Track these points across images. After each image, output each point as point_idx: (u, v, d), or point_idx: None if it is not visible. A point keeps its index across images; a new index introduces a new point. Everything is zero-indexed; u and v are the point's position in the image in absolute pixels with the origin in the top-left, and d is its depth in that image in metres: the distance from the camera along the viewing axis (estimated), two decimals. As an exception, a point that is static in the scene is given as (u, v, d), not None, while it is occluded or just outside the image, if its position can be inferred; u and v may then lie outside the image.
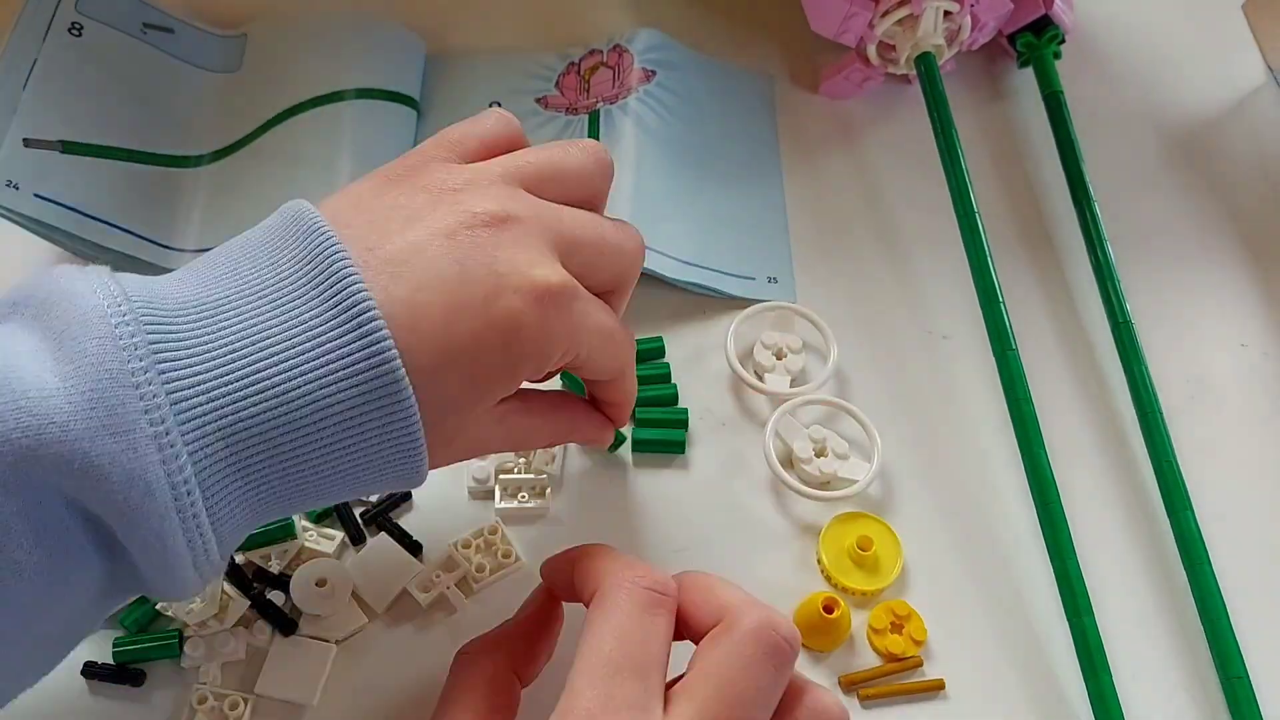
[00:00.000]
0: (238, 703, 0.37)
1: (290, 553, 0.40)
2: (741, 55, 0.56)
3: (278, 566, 0.39)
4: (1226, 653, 0.39)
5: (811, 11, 0.51)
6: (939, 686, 0.39)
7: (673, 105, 0.51)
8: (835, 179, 0.52)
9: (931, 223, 0.50)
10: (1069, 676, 0.39)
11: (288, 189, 0.47)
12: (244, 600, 0.38)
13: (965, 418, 0.46)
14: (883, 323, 0.48)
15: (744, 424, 0.45)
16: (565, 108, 0.52)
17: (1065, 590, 0.39)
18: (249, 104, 0.50)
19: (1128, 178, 0.53)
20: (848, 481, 0.42)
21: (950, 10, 0.49)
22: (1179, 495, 0.42)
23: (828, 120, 0.54)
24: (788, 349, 0.45)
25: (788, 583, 0.41)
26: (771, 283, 0.48)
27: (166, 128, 0.49)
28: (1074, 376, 0.47)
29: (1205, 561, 0.40)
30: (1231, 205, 0.53)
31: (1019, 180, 0.53)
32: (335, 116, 0.48)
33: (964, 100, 0.55)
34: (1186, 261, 0.51)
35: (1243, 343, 0.49)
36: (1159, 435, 0.43)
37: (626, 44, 0.53)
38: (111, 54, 0.49)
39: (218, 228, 0.47)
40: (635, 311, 0.47)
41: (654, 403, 0.44)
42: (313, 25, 0.52)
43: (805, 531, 0.42)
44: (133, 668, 0.37)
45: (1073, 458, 0.44)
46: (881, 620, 0.40)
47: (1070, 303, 0.49)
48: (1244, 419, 0.47)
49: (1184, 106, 0.57)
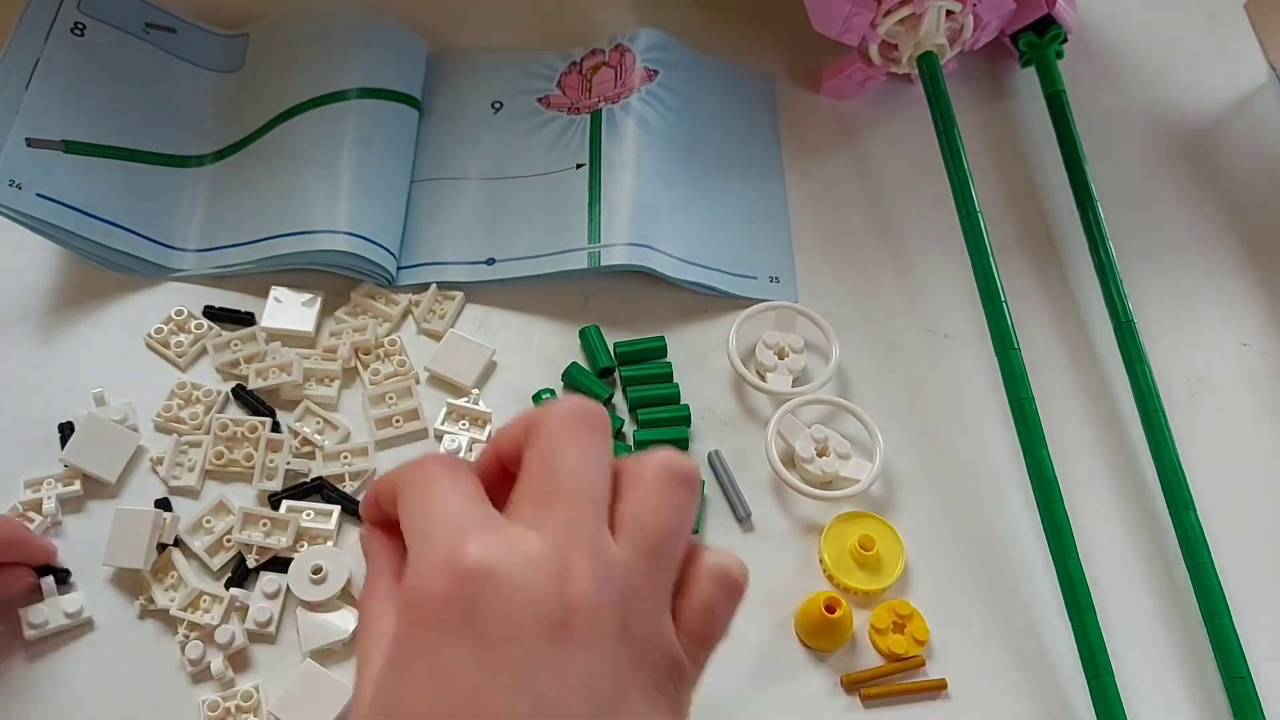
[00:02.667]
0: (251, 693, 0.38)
1: (289, 534, 0.40)
2: (743, 55, 0.56)
3: (285, 541, 0.40)
4: (1229, 652, 0.39)
5: (814, 11, 0.51)
6: (941, 686, 0.39)
7: (674, 105, 0.51)
8: (837, 178, 0.52)
9: (933, 222, 0.50)
10: (1071, 676, 0.39)
11: (290, 188, 0.47)
12: (226, 591, 0.39)
13: (967, 417, 0.46)
14: (885, 322, 0.48)
15: (746, 423, 0.45)
16: (567, 107, 0.52)
17: (1067, 590, 0.39)
18: (251, 103, 0.50)
19: (1130, 177, 0.53)
20: (850, 481, 0.42)
21: (953, 10, 0.49)
22: (1181, 494, 0.42)
23: (829, 120, 0.54)
24: (789, 348, 0.45)
25: (789, 582, 0.41)
26: (773, 282, 0.48)
27: (168, 127, 0.49)
28: (1076, 375, 0.47)
29: (1208, 561, 0.40)
30: (1233, 204, 0.53)
31: (1021, 180, 0.53)
32: (337, 116, 0.48)
33: (966, 100, 0.55)
34: (1188, 261, 0.51)
35: (1244, 342, 0.49)
36: (1161, 434, 0.43)
37: (628, 43, 0.53)
38: (114, 54, 0.49)
39: (220, 227, 0.47)
40: (638, 311, 0.47)
41: (656, 402, 0.44)
42: (315, 25, 0.52)
43: (807, 531, 0.42)
44: None
45: (1075, 457, 0.44)
46: (883, 620, 0.40)
47: (1072, 302, 0.49)
48: (1245, 418, 0.47)
49: (1186, 106, 0.57)
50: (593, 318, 0.47)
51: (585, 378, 0.45)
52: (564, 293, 0.47)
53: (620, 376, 0.45)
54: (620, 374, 0.45)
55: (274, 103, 0.49)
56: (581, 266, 0.46)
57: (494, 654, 0.27)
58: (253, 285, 0.46)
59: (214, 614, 0.39)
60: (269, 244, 0.46)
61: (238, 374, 0.44)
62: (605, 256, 0.46)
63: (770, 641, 0.40)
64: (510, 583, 0.27)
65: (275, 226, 0.46)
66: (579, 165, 0.49)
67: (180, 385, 0.43)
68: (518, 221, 0.48)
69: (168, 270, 0.46)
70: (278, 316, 0.45)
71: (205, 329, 0.45)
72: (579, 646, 0.27)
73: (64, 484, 0.41)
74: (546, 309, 0.47)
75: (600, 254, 0.46)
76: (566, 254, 0.47)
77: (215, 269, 0.46)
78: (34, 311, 0.45)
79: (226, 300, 0.46)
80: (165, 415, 0.43)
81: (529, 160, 0.50)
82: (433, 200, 0.49)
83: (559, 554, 0.28)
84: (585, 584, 0.28)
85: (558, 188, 0.49)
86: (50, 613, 0.38)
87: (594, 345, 0.45)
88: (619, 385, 0.45)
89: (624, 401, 0.45)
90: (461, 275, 0.47)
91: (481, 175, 0.50)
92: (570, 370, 0.45)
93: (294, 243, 0.45)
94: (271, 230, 0.46)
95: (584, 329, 0.46)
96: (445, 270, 0.47)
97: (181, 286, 0.46)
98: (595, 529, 0.29)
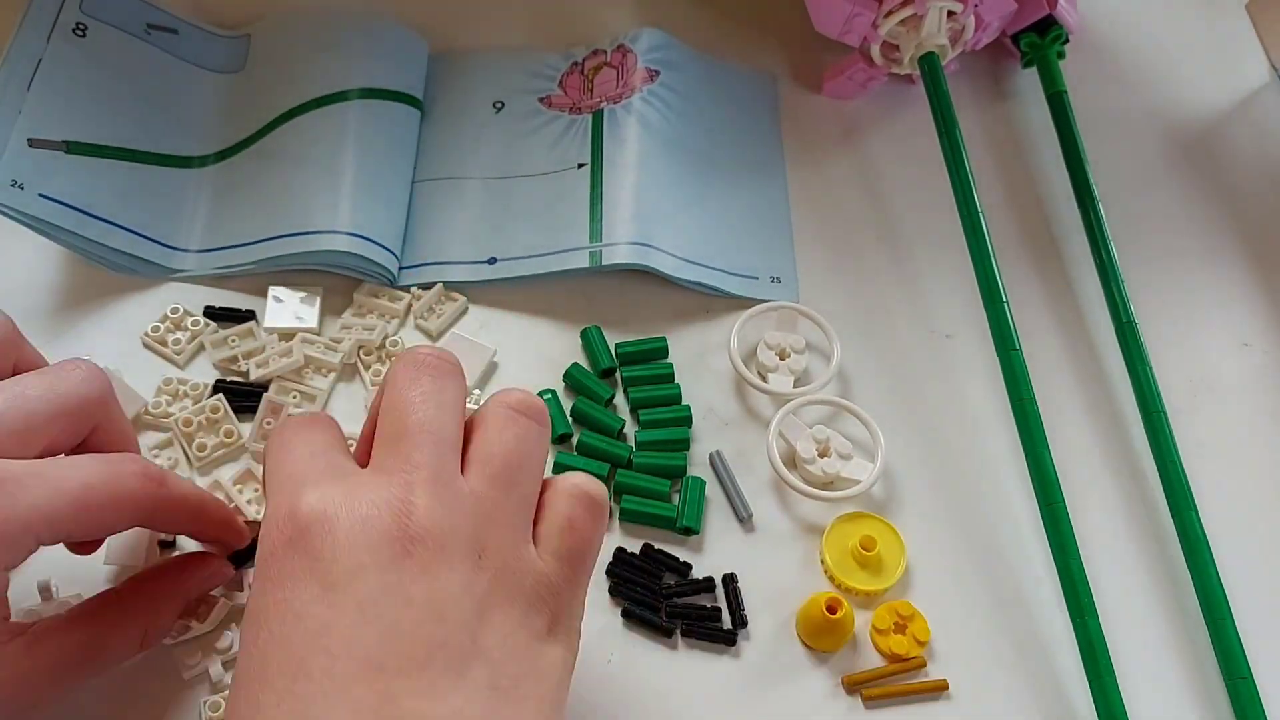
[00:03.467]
0: None
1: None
2: (745, 55, 0.56)
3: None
4: (1231, 654, 0.39)
5: (815, 12, 0.51)
6: (942, 687, 0.39)
7: (676, 105, 0.51)
8: (838, 179, 0.52)
9: (935, 223, 0.50)
10: (1072, 677, 0.39)
11: (291, 189, 0.47)
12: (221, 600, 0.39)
13: (969, 418, 0.46)
14: (886, 322, 0.48)
15: (747, 424, 0.45)
16: (569, 107, 0.52)
17: (1069, 591, 0.39)
18: (253, 104, 0.50)
19: (1131, 177, 0.53)
20: (851, 481, 0.42)
21: (954, 10, 0.49)
22: (1182, 495, 0.42)
23: (831, 120, 0.54)
24: (791, 349, 0.45)
25: (791, 582, 0.41)
26: (775, 282, 0.48)
27: (170, 128, 0.49)
28: (1077, 376, 0.47)
29: (1209, 562, 0.40)
30: (1235, 205, 0.53)
31: (1022, 180, 0.53)
32: (339, 116, 0.48)
33: (967, 100, 0.55)
34: (1190, 261, 0.51)
35: (1246, 342, 0.49)
36: (1163, 435, 0.43)
37: (630, 43, 0.53)
38: (115, 54, 0.49)
39: (221, 227, 0.47)
40: (639, 311, 0.47)
41: (657, 403, 0.44)
42: (316, 25, 0.52)
43: (808, 531, 0.42)
44: None
45: (1076, 458, 0.44)
46: (885, 620, 0.40)
47: (1074, 302, 0.49)
48: (1247, 419, 0.47)
49: (1188, 106, 0.57)
50: (594, 319, 0.47)
51: (586, 378, 0.45)
52: (565, 294, 0.47)
53: (622, 377, 0.45)
54: (622, 374, 0.45)
55: (275, 103, 0.49)
56: (583, 265, 0.46)
57: (338, 591, 0.27)
58: (252, 285, 0.46)
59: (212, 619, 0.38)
60: (271, 244, 0.46)
61: (236, 370, 0.44)
62: (607, 255, 0.46)
63: (772, 642, 0.40)
64: (347, 523, 0.28)
65: (277, 227, 0.46)
66: (580, 165, 0.49)
67: (166, 381, 0.43)
68: (519, 221, 0.49)
69: (170, 271, 0.46)
70: (279, 316, 0.45)
71: (202, 326, 0.45)
72: (424, 573, 0.27)
73: None
74: (548, 310, 0.47)
75: (602, 253, 0.46)
76: (568, 253, 0.47)
77: (217, 269, 0.46)
78: (36, 312, 0.45)
79: (227, 300, 0.46)
80: (154, 412, 0.43)
81: (531, 160, 0.50)
82: (434, 200, 0.49)
83: (402, 489, 0.28)
84: (427, 515, 0.28)
85: (559, 187, 0.49)
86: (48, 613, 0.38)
87: (595, 346, 0.46)
88: (620, 386, 0.45)
89: (625, 402, 0.45)
90: (463, 275, 0.47)
91: (483, 175, 0.50)
92: (571, 371, 0.45)
93: (296, 243, 0.45)
94: (273, 231, 0.46)
95: (585, 330, 0.46)
96: (447, 270, 0.47)
97: (182, 287, 0.46)
98: (439, 463, 0.29)
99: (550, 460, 0.43)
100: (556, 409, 0.44)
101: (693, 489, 0.42)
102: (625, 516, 0.42)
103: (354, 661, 0.26)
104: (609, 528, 0.42)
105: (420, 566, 0.27)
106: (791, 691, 0.39)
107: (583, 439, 0.43)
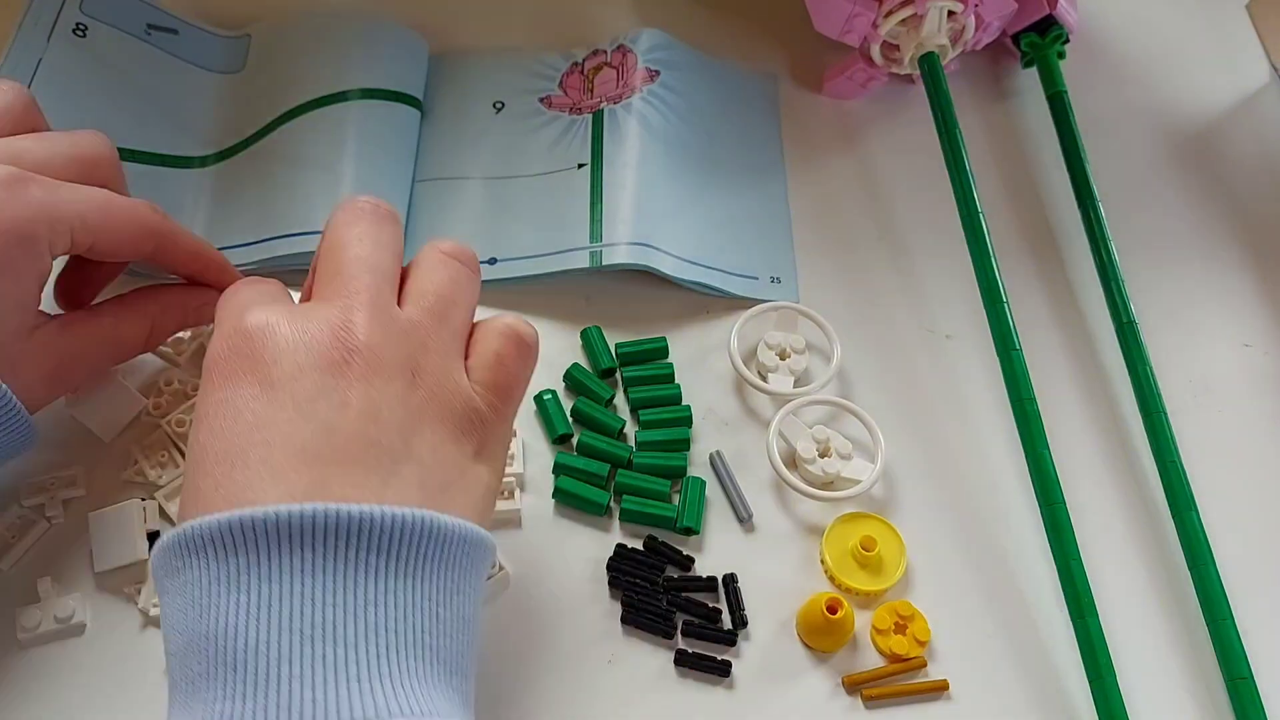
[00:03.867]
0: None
1: None
2: (745, 55, 0.56)
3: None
4: (1231, 654, 0.39)
5: (815, 12, 0.51)
6: (943, 687, 0.39)
7: (676, 105, 0.51)
8: (839, 179, 0.52)
9: (935, 223, 0.50)
10: (1073, 677, 0.39)
11: (292, 189, 0.47)
12: None
13: (969, 418, 0.46)
14: (886, 323, 0.48)
15: (747, 424, 0.45)
16: (569, 107, 0.52)
17: (1069, 591, 0.39)
18: (253, 104, 0.50)
19: (1132, 178, 0.53)
20: (851, 482, 0.42)
21: (954, 10, 0.49)
22: (1183, 496, 0.42)
23: (831, 120, 0.54)
24: (791, 349, 0.45)
25: (791, 583, 0.41)
26: (775, 282, 0.48)
27: (170, 128, 0.49)
28: (1078, 377, 0.47)
29: (1209, 562, 0.40)
30: (1235, 205, 0.53)
31: (1023, 180, 0.53)
32: (339, 116, 0.48)
33: (968, 101, 0.55)
34: (1190, 262, 0.51)
35: (1246, 343, 0.49)
36: (1163, 435, 0.43)
37: (630, 44, 0.53)
38: (115, 55, 0.49)
39: (222, 228, 0.47)
40: (640, 311, 0.47)
41: (657, 403, 0.44)
42: (316, 25, 0.52)
43: (809, 532, 0.42)
44: None
45: (1077, 458, 0.44)
46: (885, 621, 0.40)
47: (1074, 303, 0.49)
48: (1248, 419, 0.47)
49: (1188, 106, 0.57)
50: (594, 319, 0.47)
51: (587, 378, 0.45)
52: (565, 294, 0.47)
53: (622, 377, 0.45)
54: (622, 375, 0.45)
55: (276, 104, 0.49)
56: (584, 265, 0.46)
57: (277, 389, 0.29)
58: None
59: None
60: (272, 244, 0.46)
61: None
62: (607, 255, 0.46)
63: (772, 642, 0.40)
64: (289, 332, 0.30)
65: (278, 227, 0.46)
66: (581, 165, 0.49)
67: (167, 381, 0.43)
68: (520, 221, 0.49)
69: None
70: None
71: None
72: (359, 381, 0.29)
73: (66, 485, 0.41)
74: (548, 310, 0.47)
75: (602, 253, 0.46)
76: (569, 253, 0.47)
77: (217, 269, 0.46)
78: (36, 312, 0.45)
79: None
80: (155, 412, 0.42)
81: (531, 160, 0.50)
82: (435, 200, 0.49)
83: (341, 312, 0.30)
84: (366, 333, 0.30)
85: (560, 187, 0.49)
86: (43, 616, 0.38)
87: (596, 346, 0.46)
88: (620, 386, 0.45)
89: (625, 402, 0.45)
90: (463, 275, 0.47)
91: (483, 175, 0.50)
92: (572, 371, 0.45)
93: (296, 243, 0.45)
94: (274, 231, 0.46)
95: (586, 330, 0.46)
96: (447, 270, 0.47)
97: (183, 287, 0.46)
98: (377, 292, 0.31)
99: (550, 460, 0.43)
100: (557, 409, 0.44)
101: (693, 489, 0.42)
102: (626, 516, 0.42)
103: (290, 452, 0.28)
104: (609, 528, 0.42)
105: (357, 374, 0.29)
106: (792, 691, 0.39)
107: (583, 439, 0.43)
